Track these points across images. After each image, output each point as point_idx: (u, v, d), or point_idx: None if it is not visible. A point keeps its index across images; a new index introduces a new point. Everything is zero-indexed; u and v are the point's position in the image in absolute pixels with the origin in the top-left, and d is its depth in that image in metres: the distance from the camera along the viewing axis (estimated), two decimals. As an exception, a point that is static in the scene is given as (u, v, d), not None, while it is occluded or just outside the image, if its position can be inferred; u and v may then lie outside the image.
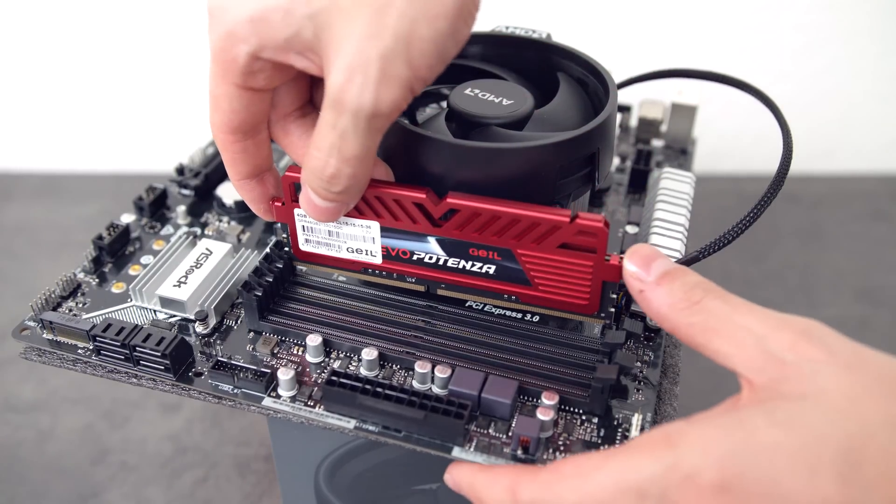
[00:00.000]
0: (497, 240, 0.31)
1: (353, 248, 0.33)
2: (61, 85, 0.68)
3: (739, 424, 0.23)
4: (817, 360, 0.24)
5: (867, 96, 0.68)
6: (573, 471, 0.25)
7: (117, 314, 0.35)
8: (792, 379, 0.24)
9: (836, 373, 0.23)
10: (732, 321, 0.25)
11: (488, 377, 0.31)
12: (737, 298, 0.26)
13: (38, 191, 0.69)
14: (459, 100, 0.33)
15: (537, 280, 0.32)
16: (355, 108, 0.26)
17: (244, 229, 0.39)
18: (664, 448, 0.24)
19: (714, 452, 0.23)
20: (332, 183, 0.28)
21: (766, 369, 0.24)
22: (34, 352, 0.33)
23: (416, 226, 0.32)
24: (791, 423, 0.23)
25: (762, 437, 0.23)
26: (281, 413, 0.31)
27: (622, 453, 0.24)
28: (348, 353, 0.33)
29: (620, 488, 0.24)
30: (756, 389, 0.24)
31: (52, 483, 0.46)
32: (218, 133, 0.30)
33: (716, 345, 0.26)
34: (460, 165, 0.30)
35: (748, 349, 0.25)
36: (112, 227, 0.38)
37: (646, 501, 0.23)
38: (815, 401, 0.23)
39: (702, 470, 0.23)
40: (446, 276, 0.33)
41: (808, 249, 0.64)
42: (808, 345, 0.24)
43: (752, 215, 0.31)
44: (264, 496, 0.46)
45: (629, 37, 0.66)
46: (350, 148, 0.27)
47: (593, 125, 0.31)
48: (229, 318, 0.34)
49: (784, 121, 0.34)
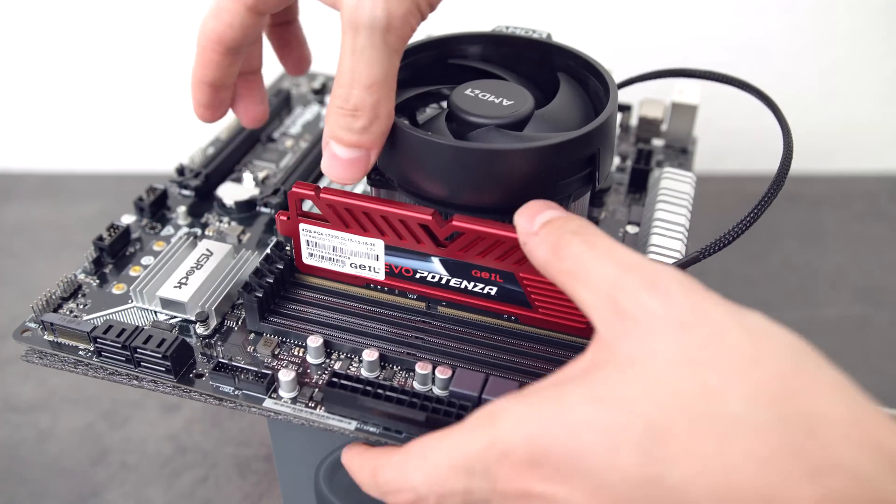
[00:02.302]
0: (500, 263, 0.31)
1: (357, 264, 0.34)
2: (61, 85, 0.68)
3: (555, 400, 0.23)
4: (655, 314, 0.23)
5: (867, 96, 0.68)
6: (417, 451, 0.26)
7: (118, 315, 0.35)
8: (628, 337, 0.23)
9: (668, 332, 0.22)
10: (592, 266, 0.25)
11: (489, 378, 0.31)
12: (605, 240, 0.25)
13: (38, 191, 0.69)
14: (460, 100, 0.33)
15: (538, 303, 0.32)
16: (369, 23, 0.27)
17: (245, 230, 0.39)
18: (487, 425, 0.24)
19: (525, 429, 0.23)
20: (356, 117, 0.29)
21: (611, 322, 0.24)
22: (36, 354, 0.33)
23: (421, 246, 0.32)
24: (604, 398, 0.22)
25: (573, 413, 0.22)
26: (282, 415, 0.31)
27: (456, 431, 0.25)
28: (349, 354, 0.33)
29: (452, 465, 0.24)
30: (597, 348, 0.24)
31: (52, 483, 0.46)
32: (205, 39, 0.32)
33: (578, 293, 0.25)
34: (460, 167, 0.30)
35: (601, 297, 0.24)
36: (112, 227, 0.38)
37: (473, 478, 0.24)
38: (639, 368, 0.22)
39: (515, 446, 0.23)
40: (448, 294, 0.33)
41: (808, 249, 0.64)
42: (651, 295, 0.23)
43: (753, 216, 0.31)
44: (264, 496, 0.46)
45: (629, 37, 0.66)
46: (370, 69, 0.28)
47: (593, 126, 0.31)
48: (230, 319, 0.34)
49: (784, 121, 0.34)
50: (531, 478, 0.23)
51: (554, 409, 0.23)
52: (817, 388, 0.21)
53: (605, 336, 0.24)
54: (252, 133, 0.45)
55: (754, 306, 0.25)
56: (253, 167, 0.44)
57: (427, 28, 0.50)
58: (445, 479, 0.25)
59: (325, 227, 0.33)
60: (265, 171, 0.43)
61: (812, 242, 0.64)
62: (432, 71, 0.37)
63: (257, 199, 0.40)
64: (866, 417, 0.21)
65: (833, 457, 0.20)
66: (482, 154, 0.30)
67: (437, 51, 0.37)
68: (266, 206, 0.40)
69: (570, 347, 0.32)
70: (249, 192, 0.40)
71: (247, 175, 0.41)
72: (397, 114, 0.35)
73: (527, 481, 0.23)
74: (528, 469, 0.23)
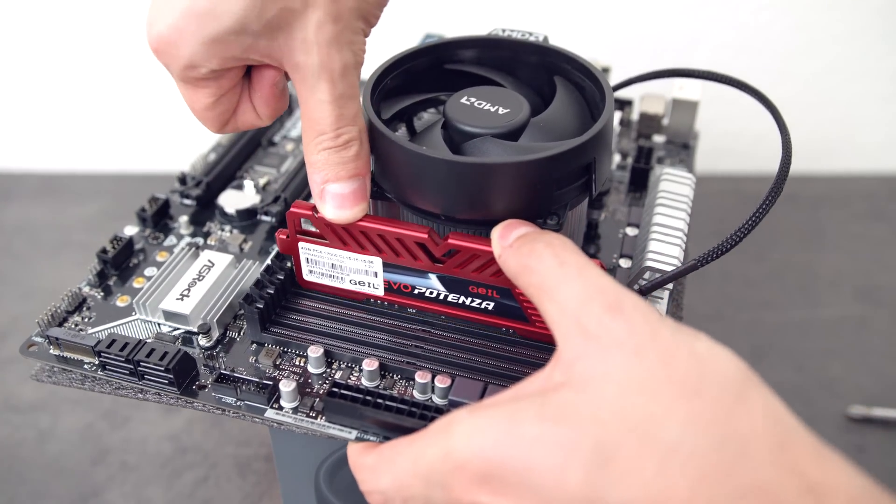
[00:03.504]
0: (496, 279, 0.31)
1: (356, 281, 0.34)
2: (61, 85, 0.68)
3: (510, 416, 0.24)
4: (616, 337, 0.23)
5: (867, 96, 0.68)
6: (388, 454, 0.27)
7: (122, 328, 0.35)
8: (587, 357, 0.24)
9: (624, 357, 0.23)
10: (561, 283, 0.25)
11: (487, 387, 0.31)
12: (576, 257, 0.26)
13: (38, 191, 0.69)
14: (455, 110, 0.33)
15: (535, 317, 0.32)
16: (342, 69, 0.29)
17: (246, 238, 0.39)
18: (443, 436, 0.25)
19: (478, 443, 0.24)
20: (348, 148, 0.30)
21: (573, 340, 0.24)
22: (45, 373, 0.34)
23: (418, 263, 0.32)
24: (557, 417, 0.23)
25: (526, 431, 0.23)
26: (284, 424, 0.31)
27: (420, 438, 0.26)
28: (349, 363, 0.33)
29: (414, 473, 0.25)
30: (556, 365, 0.24)
31: (52, 483, 0.46)
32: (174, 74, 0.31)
33: (545, 307, 0.26)
34: (455, 181, 0.30)
35: (566, 315, 0.25)
36: (116, 239, 0.38)
37: (432, 486, 0.25)
38: (592, 391, 0.23)
39: (468, 459, 0.24)
40: (446, 309, 0.34)
41: (808, 249, 0.64)
42: (614, 318, 0.24)
43: (753, 221, 0.31)
44: (264, 496, 0.46)
45: (628, 37, 0.65)
46: (354, 104, 0.30)
47: (589, 135, 0.31)
48: (232, 329, 0.35)
49: (783, 123, 0.34)
50: (481, 491, 0.24)
51: (507, 425, 0.23)
52: (753, 413, 0.22)
53: (565, 354, 0.24)
54: (253, 137, 0.45)
55: (754, 306, 0.25)
56: (254, 173, 0.44)
57: (427, 28, 0.50)
58: (409, 485, 0.25)
59: (323, 246, 0.33)
60: (266, 176, 0.43)
61: (812, 242, 0.64)
62: (428, 77, 0.37)
63: (258, 207, 0.40)
64: (795, 444, 0.22)
65: (758, 480, 0.21)
66: (477, 168, 0.30)
67: (433, 56, 0.37)
68: (267, 214, 0.40)
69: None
70: (250, 200, 0.41)
71: (248, 182, 0.41)
72: (394, 121, 0.35)
73: (477, 494, 0.24)
74: (480, 482, 0.24)
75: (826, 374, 0.53)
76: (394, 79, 0.35)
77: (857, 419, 0.50)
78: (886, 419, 0.50)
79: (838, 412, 0.51)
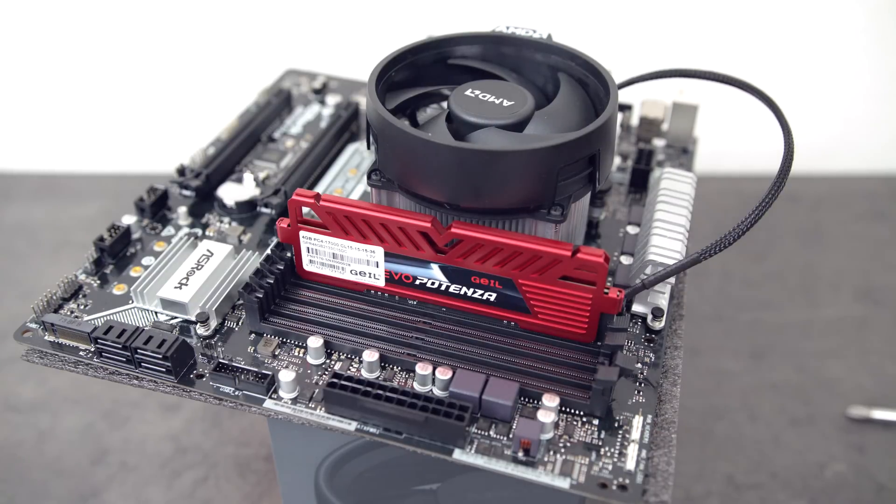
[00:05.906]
0: (499, 269, 0.31)
1: (357, 271, 0.34)
2: (61, 85, 0.68)
3: None
4: None
5: (867, 96, 0.68)
6: None
7: (119, 316, 0.35)
8: None
9: None
10: None
11: (489, 379, 0.31)
12: None
13: (38, 191, 0.69)
14: (460, 101, 0.33)
15: (537, 309, 0.32)
16: None
17: (245, 230, 0.39)
18: None
19: None
20: None
21: None
22: (36, 354, 0.33)
23: (420, 252, 0.32)
24: None
25: None
26: (282, 415, 0.31)
27: None
28: (349, 354, 0.33)
29: None
30: None
31: (52, 483, 0.46)
32: None
33: None
34: (459, 168, 0.30)
35: None
36: (113, 228, 0.38)
37: None
38: None
39: None
40: (448, 300, 0.33)
41: (808, 249, 0.64)
42: None
43: (754, 217, 0.31)
44: (264, 496, 0.46)
45: (629, 37, 0.66)
46: None
47: (594, 127, 0.31)
48: (230, 319, 0.34)
49: (785, 121, 0.34)
50: None
51: None
52: None
53: None
54: (253, 133, 0.45)
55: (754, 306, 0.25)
56: (253, 167, 0.44)
57: (427, 28, 0.50)
58: None
59: (324, 235, 0.33)
60: (266, 171, 0.43)
61: (812, 242, 0.64)
62: (432, 71, 0.37)
63: (258, 199, 0.40)
64: None
65: None
66: (481, 155, 0.30)
67: (438, 51, 0.37)
68: (266, 206, 0.40)
69: (570, 348, 0.33)
70: (250, 192, 0.40)
71: (247, 175, 0.41)
72: (398, 114, 0.35)
73: None
74: None
75: (826, 374, 0.53)
76: (398, 72, 0.36)
77: (858, 419, 0.50)
78: (886, 421, 0.50)
79: (838, 412, 0.50)
